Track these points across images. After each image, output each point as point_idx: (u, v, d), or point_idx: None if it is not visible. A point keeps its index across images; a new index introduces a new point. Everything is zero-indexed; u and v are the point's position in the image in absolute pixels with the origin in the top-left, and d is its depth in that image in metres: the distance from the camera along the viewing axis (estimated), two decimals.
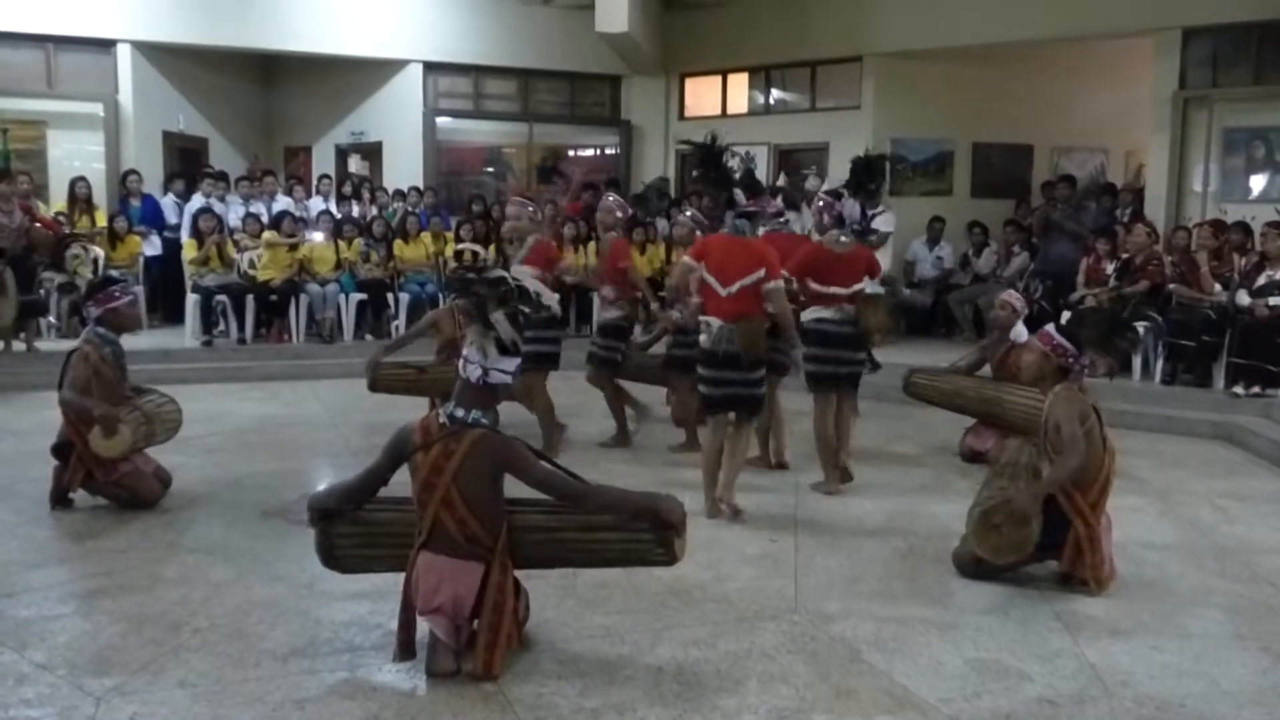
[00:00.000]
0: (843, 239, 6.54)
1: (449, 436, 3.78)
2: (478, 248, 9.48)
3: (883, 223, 11.84)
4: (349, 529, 4.05)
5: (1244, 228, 9.93)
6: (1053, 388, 4.88)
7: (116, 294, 6.02)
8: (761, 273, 5.81)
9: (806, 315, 6.52)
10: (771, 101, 14.60)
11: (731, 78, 14.74)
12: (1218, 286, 9.25)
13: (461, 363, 3.87)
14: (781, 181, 12.46)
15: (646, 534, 3.79)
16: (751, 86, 14.65)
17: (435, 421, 3.85)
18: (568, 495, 3.85)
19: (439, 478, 3.75)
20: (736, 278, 5.81)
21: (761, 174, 13.70)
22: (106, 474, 5.77)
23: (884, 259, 11.79)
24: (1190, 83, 11.37)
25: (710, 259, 5.93)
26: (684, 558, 3.91)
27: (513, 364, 3.88)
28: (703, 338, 5.92)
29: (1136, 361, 9.53)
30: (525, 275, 4.39)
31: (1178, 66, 11.37)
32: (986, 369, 7.51)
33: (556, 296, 7.22)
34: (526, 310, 3.97)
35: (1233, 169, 11.33)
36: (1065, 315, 5.21)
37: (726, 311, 5.81)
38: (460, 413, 3.81)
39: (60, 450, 5.87)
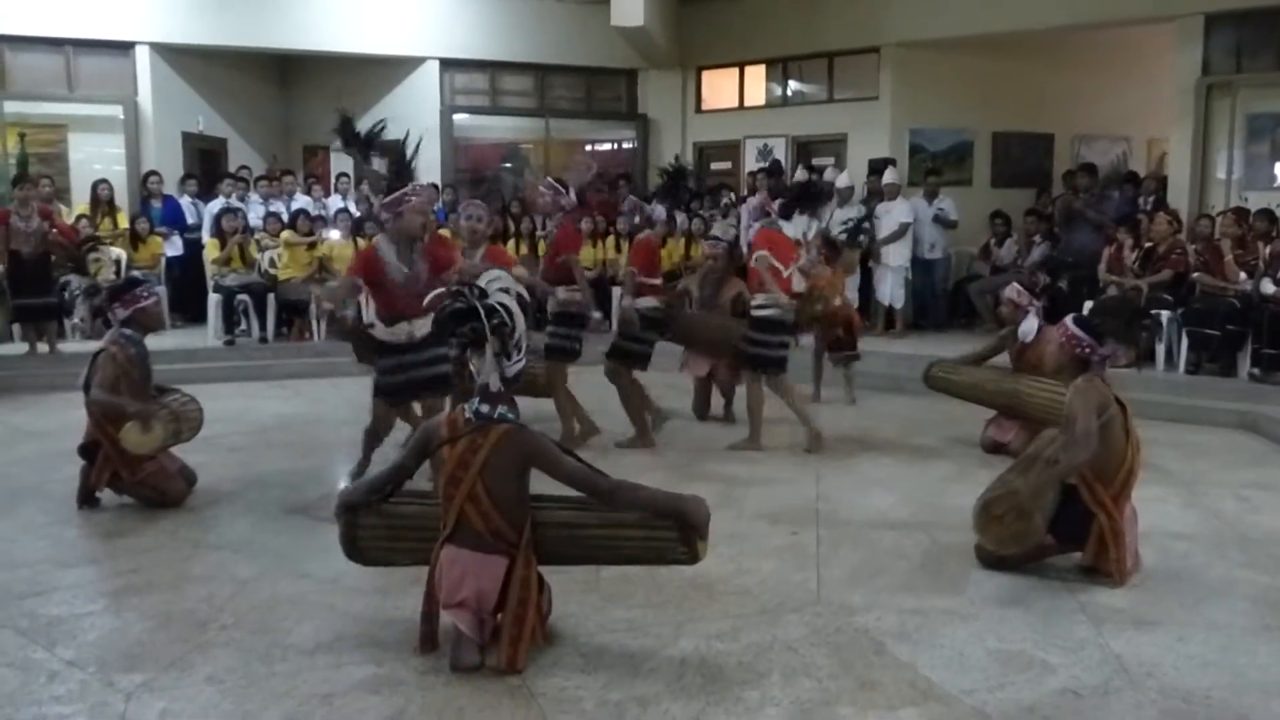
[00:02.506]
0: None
1: (475, 431, 3.80)
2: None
3: (901, 213, 11.82)
4: (373, 521, 4.08)
5: (1268, 215, 9.85)
6: (1074, 379, 4.86)
7: (143, 295, 6.08)
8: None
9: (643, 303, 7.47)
10: (789, 93, 14.57)
11: (748, 70, 14.72)
12: (1242, 275, 9.18)
13: (475, 371, 3.88)
14: (800, 175, 12.43)
15: (670, 533, 3.80)
16: (769, 78, 14.63)
17: (461, 416, 3.87)
18: (594, 491, 3.85)
19: (465, 472, 3.76)
20: (792, 262, 7.27)
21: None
22: (132, 473, 5.82)
23: (902, 251, 11.82)
24: (1213, 69, 11.28)
25: (776, 249, 7.19)
26: (706, 556, 3.91)
27: (522, 358, 3.91)
28: (775, 311, 7.09)
29: (1160, 351, 9.48)
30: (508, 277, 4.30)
31: (1200, 53, 11.28)
32: (1005, 359, 7.48)
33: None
34: (518, 325, 3.92)
35: (1256, 156, 11.25)
36: (1088, 305, 5.18)
37: (789, 289, 7.18)
38: (485, 408, 3.83)
39: (87, 450, 5.92)
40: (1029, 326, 7.13)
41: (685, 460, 7.06)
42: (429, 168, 14.14)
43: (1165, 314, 9.47)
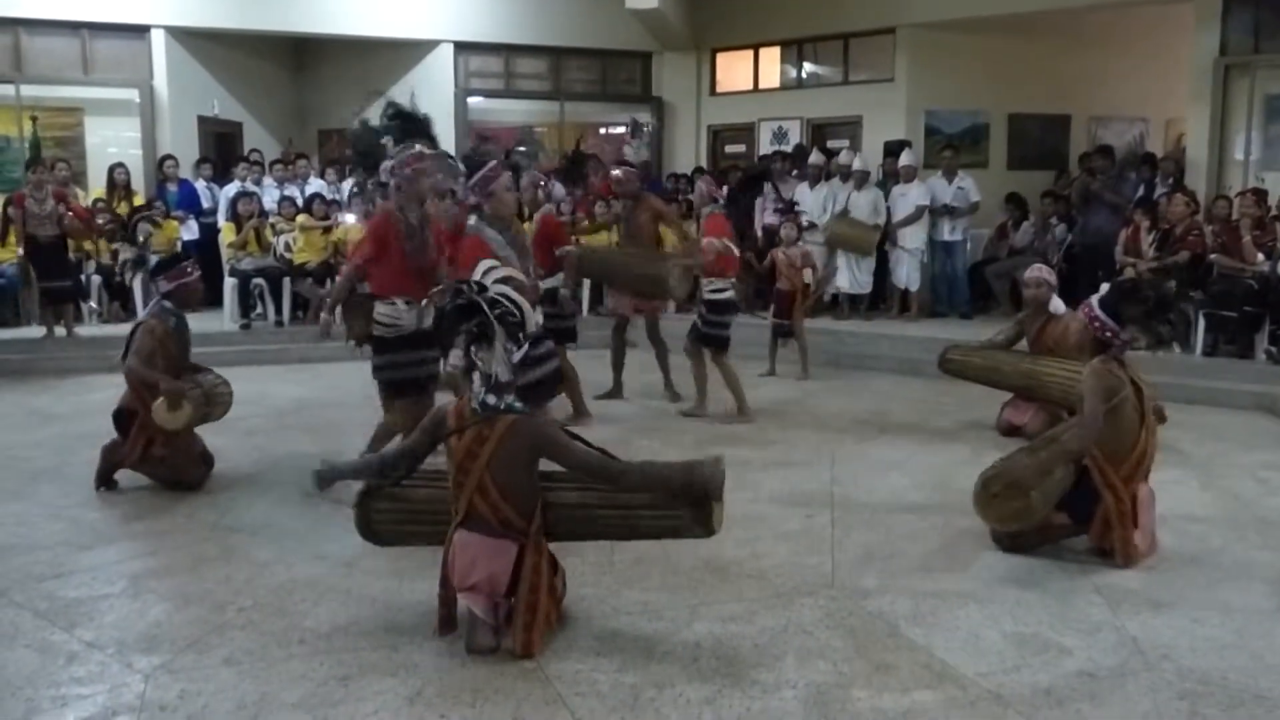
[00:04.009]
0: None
1: (483, 423, 3.79)
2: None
3: (917, 196, 11.75)
4: (387, 505, 4.09)
5: None
6: (1090, 360, 4.84)
7: (188, 270, 6.12)
8: None
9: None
10: (804, 75, 14.49)
11: (763, 52, 14.63)
12: (1260, 256, 9.11)
13: (483, 365, 3.84)
14: (815, 158, 12.37)
15: (683, 510, 3.79)
16: (783, 60, 14.54)
17: (467, 406, 3.87)
18: (605, 475, 3.86)
19: (473, 463, 3.77)
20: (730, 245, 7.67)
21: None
22: (166, 442, 5.85)
23: (917, 234, 11.75)
24: (1231, 49, 11.16)
25: (729, 234, 7.70)
26: (721, 530, 3.88)
27: (524, 349, 3.90)
28: (729, 294, 7.63)
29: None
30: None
31: (1219, 32, 11.16)
32: (1023, 342, 7.45)
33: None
34: (525, 314, 3.90)
35: (1275, 137, 11.13)
36: (1104, 287, 5.13)
37: (737, 269, 7.80)
38: (492, 399, 3.81)
39: (120, 418, 5.95)
40: (1058, 301, 7.13)
41: (696, 445, 7.05)
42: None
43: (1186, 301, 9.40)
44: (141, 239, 10.96)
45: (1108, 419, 4.66)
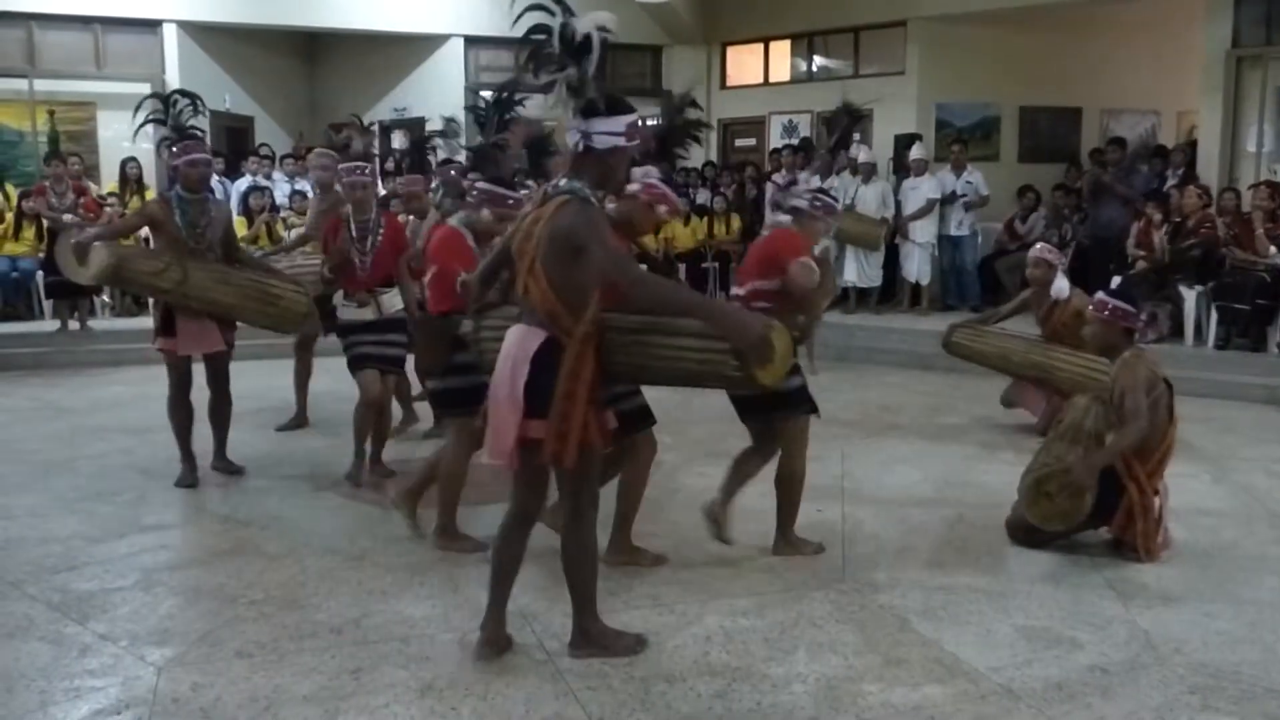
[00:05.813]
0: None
1: (544, 203, 3.53)
2: None
3: (928, 189, 11.72)
4: (491, 324, 3.98)
5: None
6: (1121, 353, 4.80)
7: (178, 153, 5.98)
8: None
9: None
10: (814, 69, 14.46)
11: (773, 45, 14.62)
12: (1273, 249, 9.06)
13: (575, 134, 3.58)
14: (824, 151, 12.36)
15: (724, 345, 3.48)
16: (794, 54, 14.52)
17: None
18: (631, 278, 3.50)
19: (529, 245, 3.51)
20: None
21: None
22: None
23: (928, 227, 11.73)
24: (1244, 41, 11.11)
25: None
26: (772, 384, 3.62)
27: (620, 123, 3.59)
28: None
29: (1189, 325, 9.38)
30: None
31: (1231, 24, 11.11)
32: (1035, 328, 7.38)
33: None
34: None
35: None
36: (1115, 280, 5.09)
37: None
38: (563, 181, 3.53)
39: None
40: (1061, 284, 6.97)
41: (707, 436, 7.05)
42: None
43: (1196, 288, 9.36)
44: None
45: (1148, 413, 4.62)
